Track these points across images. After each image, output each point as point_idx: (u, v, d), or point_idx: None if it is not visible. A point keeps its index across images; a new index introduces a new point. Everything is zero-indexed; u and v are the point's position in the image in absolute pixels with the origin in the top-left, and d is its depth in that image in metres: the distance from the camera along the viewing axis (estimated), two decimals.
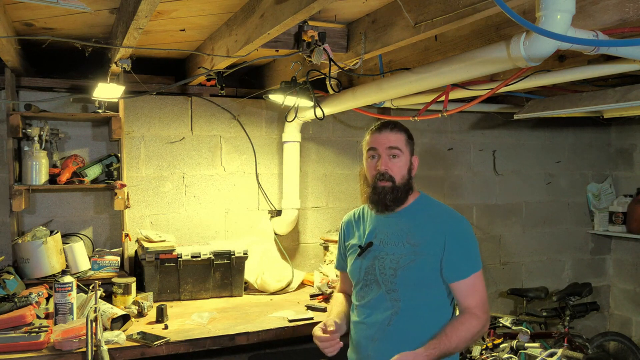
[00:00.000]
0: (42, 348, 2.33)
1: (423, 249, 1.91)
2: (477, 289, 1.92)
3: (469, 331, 1.86)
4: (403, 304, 1.92)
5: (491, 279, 4.54)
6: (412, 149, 2.03)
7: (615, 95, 2.94)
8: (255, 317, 2.91)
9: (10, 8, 2.34)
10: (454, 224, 1.96)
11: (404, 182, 1.97)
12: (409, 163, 2.00)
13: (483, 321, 1.89)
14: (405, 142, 1.99)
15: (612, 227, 4.72)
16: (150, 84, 3.41)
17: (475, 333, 1.88)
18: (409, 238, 1.94)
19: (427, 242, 1.92)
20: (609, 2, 1.77)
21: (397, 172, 1.96)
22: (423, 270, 1.90)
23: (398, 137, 1.97)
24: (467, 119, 4.43)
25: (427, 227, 1.94)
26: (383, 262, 1.95)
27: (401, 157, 1.97)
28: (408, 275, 1.91)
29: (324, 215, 4.02)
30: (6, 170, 3.10)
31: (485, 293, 1.95)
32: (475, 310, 1.89)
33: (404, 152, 1.97)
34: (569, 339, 3.72)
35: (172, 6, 2.28)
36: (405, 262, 1.91)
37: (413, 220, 1.97)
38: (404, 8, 2.08)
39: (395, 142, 1.96)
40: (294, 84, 2.97)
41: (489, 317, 1.94)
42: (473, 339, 1.89)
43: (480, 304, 1.91)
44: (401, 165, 1.97)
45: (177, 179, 3.61)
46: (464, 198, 4.44)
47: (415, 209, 2.00)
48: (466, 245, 1.93)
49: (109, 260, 3.25)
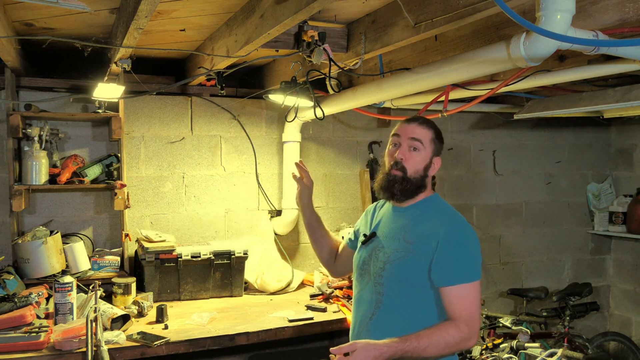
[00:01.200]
0: (42, 348, 2.34)
1: (416, 247, 1.87)
2: (464, 300, 1.81)
3: (444, 339, 1.75)
4: (386, 299, 1.89)
5: (491, 279, 4.54)
6: (436, 149, 1.98)
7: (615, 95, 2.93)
8: (255, 317, 2.91)
9: (10, 8, 2.34)
10: (452, 227, 1.88)
11: (417, 177, 1.94)
12: (428, 160, 1.96)
13: (464, 334, 1.77)
14: (430, 139, 1.95)
15: (612, 227, 4.72)
16: (150, 84, 3.41)
17: (452, 343, 1.76)
18: (406, 235, 1.92)
19: (422, 241, 1.87)
20: (609, 2, 1.77)
21: (411, 164, 1.93)
22: (410, 269, 1.86)
23: (424, 131, 1.95)
24: (467, 119, 4.43)
25: (425, 226, 1.90)
26: (377, 255, 1.96)
27: (421, 151, 1.94)
28: (394, 271, 1.88)
29: (324, 215, 4.01)
30: (6, 170, 3.09)
31: (476, 307, 1.82)
32: (458, 321, 1.79)
33: (425, 147, 1.94)
34: (569, 339, 3.72)
35: (172, 6, 2.28)
36: (395, 258, 1.89)
37: (415, 218, 1.95)
38: (404, 8, 2.08)
39: (419, 135, 1.94)
40: (294, 84, 2.97)
41: (473, 333, 1.80)
42: (448, 348, 1.77)
43: (465, 316, 1.79)
44: (418, 160, 1.94)
45: (177, 179, 3.61)
46: (464, 198, 4.44)
47: (421, 207, 1.98)
48: (460, 251, 1.85)
49: (109, 260, 3.25)
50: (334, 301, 3.20)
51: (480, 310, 1.85)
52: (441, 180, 4.35)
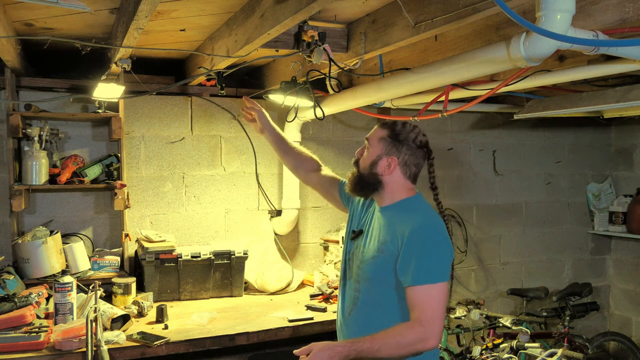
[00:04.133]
0: (42, 348, 2.34)
1: (386, 247, 1.90)
2: (424, 301, 1.79)
3: (396, 340, 1.75)
4: (362, 296, 1.97)
5: (491, 279, 4.54)
6: (387, 147, 1.96)
7: (615, 95, 2.94)
8: (255, 317, 2.91)
9: (10, 8, 2.34)
10: (418, 226, 1.86)
11: (365, 174, 2.00)
12: (374, 157, 1.97)
13: (419, 335, 1.76)
14: (378, 138, 1.99)
15: (612, 227, 4.72)
16: (150, 84, 3.41)
17: (404, 344, 1.75)
18: (380, 235, 1.95)
19: (391, 241, 1.89)
20: (609, 2, 1.77)
21: (361, 161, 2.03)
22: (380, 268, 1.91)
23: (376, 132, 2.02)
24: (467, 119, 4.43)
25: (396, 227, 1.90)
26: (357, 253, 2.02)
27: (369, 150, 2.02)
28: (367, 270, 1.95)
29: (324, 215, 4.02)
30: (6, 170, 3.09)
31: (438, 310, 1.79)
32: (414, 322, 1.78)
33: (372, 145, 2.01)
34: (569, 339, 3.71)
35: (172, 6, 2.28)
36: (368, 257, 1.95)
37: (390, 218, 1.96)
38: (404, 8, 2.08)
39: (371, 135, 2.03)
40: (294, 84, 2.97)
41: (430, 334, 1.76)
42: (402, 349, 1.76)
43: (424, 318, 1.77)
44: (365, 157, 2.02)
45: (177, 179, 3.61)
46: (464, 198, 4.44)
47: (399, 208, 1.98)
48: (423, 251, 1.82)
49: (109, 260, 3.25)
50: (334, 301, 3.20)
51: (442, 312, 1.81)
52: (441, 181, 4.34)
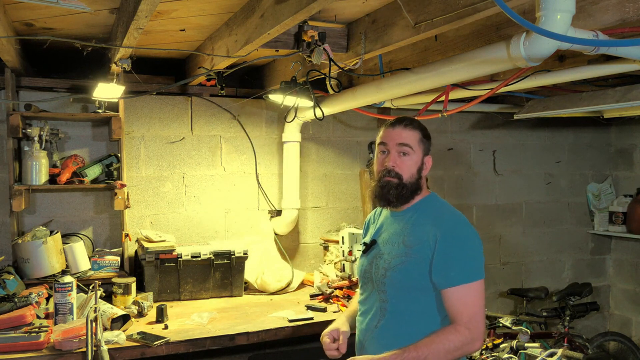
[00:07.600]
0: (42, 348, 2.34)
1: (415, 251, 1.82)
2: (465, 301, 1.75)
3: (444, 346, 1.71)
4: (390, 306, 1.86)
5: (491, 279, 4.53)
6: (425, 148, 1.93)
7: (615, 95, 2.93)
8: (255, 317, 2.91)
9: (10, 8, 2.34)
10: (450, 226, 1.83)
11: (412, 181, 1.89)
12: (420, 162, 1.91)
13: (465, 338, 1.72)
14: (417, 141, 1.90)
15: (612, 227, 4.72)
16: (150, 84, 3.41)
17: (453, 349, 1.71)
18: (405, 238, 1.88)
19: (420, 243, 1.83)
20: (609, 2, 1.77)
21: (405, 170, 1.89)
22: (411, 273, 1.82)
23: (410, 134, 1.90)
24: (467, 119, 4.43)
25: (423, 228, 1.85)
26: (378, 262, 1.92)
27: (411, 155, 1.89)
28: (396, 277, 1.84)
29: (324, 215, 4.02)
30: (6, 170, 3.09)
31: (479, 308, 1.77)
32: (458, 325, 1.74)
33: (415, 150, 1.89)
34: (569, 339, 3.72)
35: (172, 6, 2.28)
36: (395, 263, 1.85)
37: (412, 221, 1.91)
38: (404, 8, 2.08)
39: (407, 139, 1.89)
40: (294, 84, 2.97)
41: (476, 336, 1.74)
42: (450, 354, 1.72)
43: (466, 319, 1.74)
44: (410, 164, 1.89)
45: (177, 179, 3.61)
46: (464, 198, 4.44)
47: (419, 209, 1.93)
48: (459, 251, 1.79)
49: (109, 260, 3.24)
50: (334, 301, 3.20)
51: (483, 311, 1.80)
52: (441, 180, 4.35)
